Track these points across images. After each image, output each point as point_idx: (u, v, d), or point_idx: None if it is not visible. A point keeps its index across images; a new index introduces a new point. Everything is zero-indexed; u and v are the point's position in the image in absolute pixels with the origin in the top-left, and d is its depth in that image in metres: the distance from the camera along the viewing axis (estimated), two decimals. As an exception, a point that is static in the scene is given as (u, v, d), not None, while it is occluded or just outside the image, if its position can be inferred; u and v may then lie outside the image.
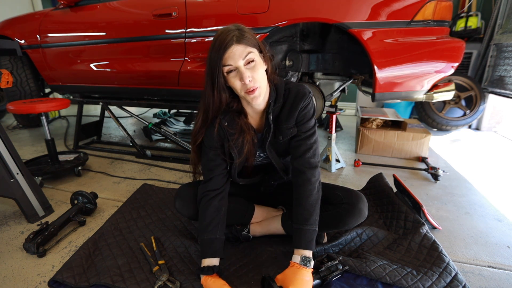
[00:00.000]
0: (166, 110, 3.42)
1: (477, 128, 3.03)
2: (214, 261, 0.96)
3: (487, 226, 1.33)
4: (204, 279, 0.93)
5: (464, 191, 1.65)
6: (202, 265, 0.95)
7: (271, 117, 0.98)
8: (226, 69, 0.88)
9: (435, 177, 1.77)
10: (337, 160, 2.00)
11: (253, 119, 1.04)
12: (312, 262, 0.91)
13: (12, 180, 1.31)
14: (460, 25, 2.90)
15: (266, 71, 0.95)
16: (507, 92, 2.50)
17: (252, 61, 0.88)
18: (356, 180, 1.79)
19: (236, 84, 0.89)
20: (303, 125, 0.99)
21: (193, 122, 2.95)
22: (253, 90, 0.89)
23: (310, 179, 0.96)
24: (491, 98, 2.85)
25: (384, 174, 1.57)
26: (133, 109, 3.53)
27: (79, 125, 2.40)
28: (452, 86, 1.74)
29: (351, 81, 1.98)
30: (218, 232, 0.99)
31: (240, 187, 1.22)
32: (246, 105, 1.00)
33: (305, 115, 0.99)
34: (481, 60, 2.88)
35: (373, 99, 1.68)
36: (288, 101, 0.99)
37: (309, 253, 0.91)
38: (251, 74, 0.88)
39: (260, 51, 0.92)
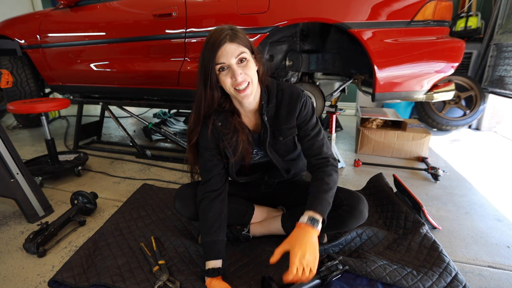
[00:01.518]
0: (166, 110, 3.42)
1: (477, 128, 3.02)
2: (218, 263, 0.96)
3: (487, 226, 1.33)
4: (209, 281, 0.93)
5: (464, 191, 1.65)
6: (207, 267, 0.96)
7: (265, 118, 0.99)
8: (218, 66, 0.89)
9: (435, 177, 1.77)
10: (337, 160, 2.00)
11: (249, 119, 1.05)
12: (320, 224, 0.88)
13: (12, 180, 1.31)
14: (460, 25, 2.90)
15: (258, 72, 0.96)
16: (507, 92, 2.50)
17: (245, 59, 0.90)
18: (356, 180, 1.79)
19: (226, 81, 0.91)
20: (307, 123, 1.01)
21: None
22: (244, 89, 0.91)
23: (331, 173, 0.97)
24: (491, 98, 2.84)
25: (384, 174, 1.57)
26: (133, 109, 3.53)
27: (79, 125, 2.40)
28: (452, 86, 1.74)
29: (351, 81, 1.98)
30: (221, 234, 0.99)
31: (240, 187, 1.22)
32: (238, 104, 1.02)
33: (306, 114, 1.01)
34: (481, 60, 2.88)
35: (373, 99, 1.68)
36: (283, 102, 1.00)
37: (319, 216, 0.89)
38: (243, 71, 0.89)
39: (252, 52, 0.94)
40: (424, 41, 1.58)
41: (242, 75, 0.89)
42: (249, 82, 0.91)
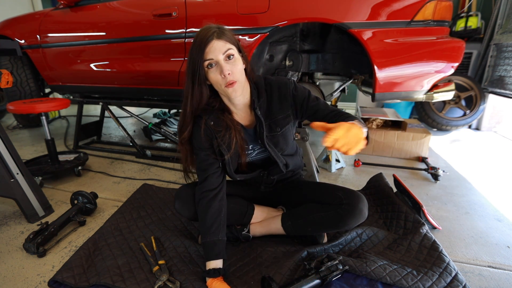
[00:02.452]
0: (166, 110, 3.42)
1: (477, 128, 3.02)
2: (219, 263, 0.96)
3: (487, 226, 1.33)
4: (210, 282, 0.94)
5: (464, 191, 1.65)
6: (207, 268, 0.96)
7: (259, 112, 1.01)
8: (207, 63, 0.91)
9: (435, 177, 1.77)
10: (337, 160, 2.00)
11: (241, 116, 1.06)
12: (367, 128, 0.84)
13: (12, 180, 1.31)
14: (460, 25, 2.90)
15: (245, 69, 0.98)
16: (507, 92, 2.50)
17: (232, 55, 0.92)
18: (356, 180, 1.79)
19: (216, 78, 0.92)
20: (308, 101, 1.02)
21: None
22: (232, 83, 0.92)
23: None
24: (491, 98, 2.84)
25: (384, 174, 1.57)
26: (133, 109, 3.53)
27: (79, 125, 2.40)
28: (452, 86, 1.74)
29: (351, 81, 1.98)
30: (220, 234, 0.99)
31: (240, 187, 1.22)
32: (228, 102, 1.03)
33: (303, 95, 1.02)
34: (481, 60, 2.88)
35: (373, 99, 1.67)
36: (273, 94, 1.03)
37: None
38: (230, 68, 0.91)
39: (239, 51, 0.96)
40: (424, 41, 1.58)
41: (230, 72, 0.91)
42: (236, 80, 0.92)
